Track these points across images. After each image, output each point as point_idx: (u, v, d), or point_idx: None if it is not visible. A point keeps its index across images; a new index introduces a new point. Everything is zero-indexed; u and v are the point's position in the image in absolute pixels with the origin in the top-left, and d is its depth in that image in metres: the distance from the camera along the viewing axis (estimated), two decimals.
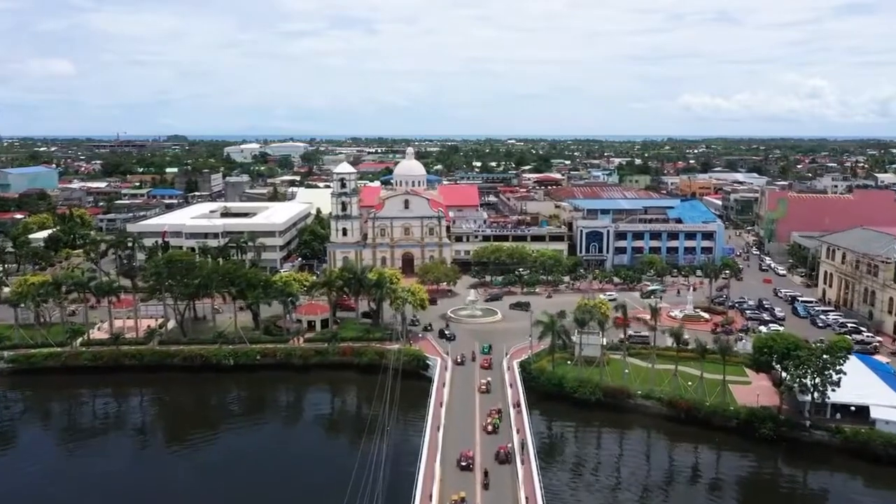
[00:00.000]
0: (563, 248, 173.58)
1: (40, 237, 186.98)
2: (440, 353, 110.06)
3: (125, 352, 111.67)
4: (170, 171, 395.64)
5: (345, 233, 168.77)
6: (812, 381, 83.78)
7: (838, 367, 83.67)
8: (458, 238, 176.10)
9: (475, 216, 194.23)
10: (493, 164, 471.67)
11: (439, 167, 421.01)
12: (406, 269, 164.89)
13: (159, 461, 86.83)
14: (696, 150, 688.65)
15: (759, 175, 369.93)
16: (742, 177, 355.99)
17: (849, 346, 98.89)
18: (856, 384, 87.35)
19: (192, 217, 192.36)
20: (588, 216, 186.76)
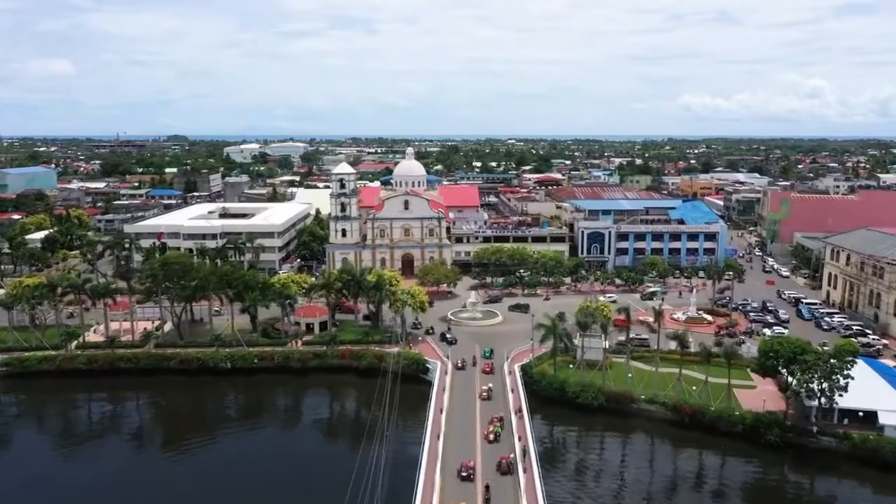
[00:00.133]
0: (564, 249, 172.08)
1: (37, 238, 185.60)
2: (440, 356, 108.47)
3: (121, 355, 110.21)
4: (169, 171, 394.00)
5: (344, 234, 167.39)
6: (819, 386, 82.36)
7: (846, 371, 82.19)
8: (459, 239, 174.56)
9: (475, 217, 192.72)
10: (494, 164, 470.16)
11: (439, 167, 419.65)
12: (406, 271, 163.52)
13: (155, 466, 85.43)
14: (696, 151, 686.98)
15: (760, 175, 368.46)
16: (743, 177, 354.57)
17: (855, 349, 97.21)
18: (863, 389, 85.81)
19: (190, 218, 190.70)
20: (589, 217, 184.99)
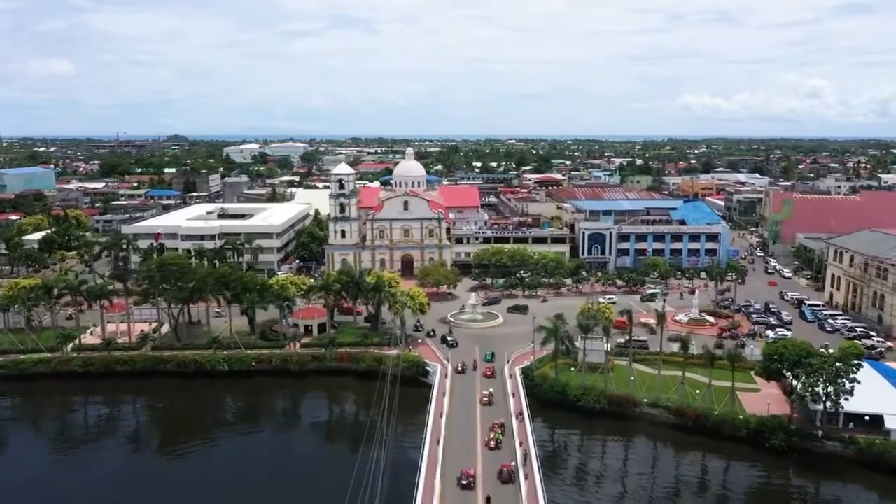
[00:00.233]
0: (565, 250, 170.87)
1: (34, 239, 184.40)
2: (440, 359, 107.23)
3: (117, 357, 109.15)
4: (168, 171, 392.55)
5: (343, 235, 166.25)
6: (825, 390, 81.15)
7: (852, 375, 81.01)
8: (459, 240, 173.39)
9: (476, 218, 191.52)
10: (494, 164, 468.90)
11: (439, 167, 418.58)
12: (405, 272, 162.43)
13: (152, 470, 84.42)
14: (696, 151, 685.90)
15: (760, 175, 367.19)
16: (744, 177, 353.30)
17: (860, 352, 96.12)
18: (869, 392, 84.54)
19: (188, 218, 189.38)
20: (590, 217, 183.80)
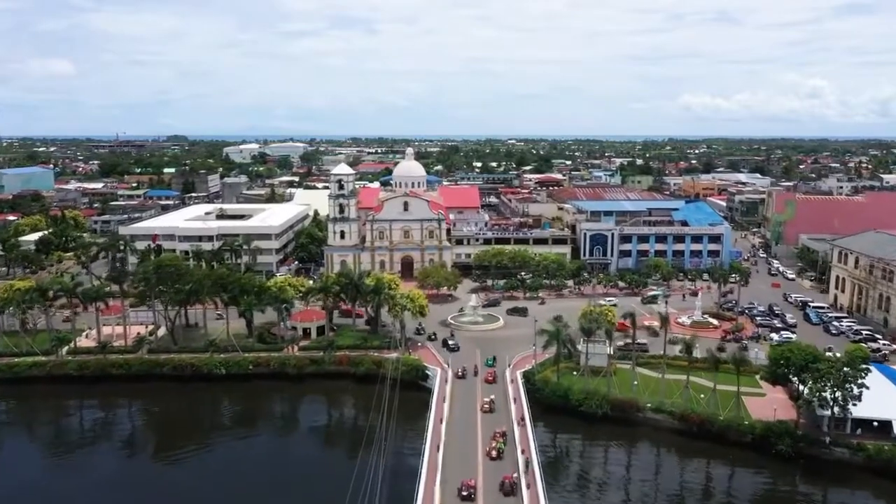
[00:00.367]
0: (566, 251, 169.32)
1: (31, 240, 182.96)
2: (440, 362, 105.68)
3: (112, 361, 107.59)
4: (167, 171, 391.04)
5: (342, 236, 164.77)
6: (832, 395, 79.64)
7: (860, 380, 79.43)
8: (459, 241, 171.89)
9: (476, 218, 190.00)
10: (494, 164, 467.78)
11: (439, 168, 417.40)
12: (405, 273, 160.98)
13: (147, 475, 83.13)
14: (696, 151, 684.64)
15: (761, 176, 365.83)
16: (745, 177, 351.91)
17: (867, 355, 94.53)
18: (877, 398, 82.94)
19: (186, 219, 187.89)
20: (592, 218, 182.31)
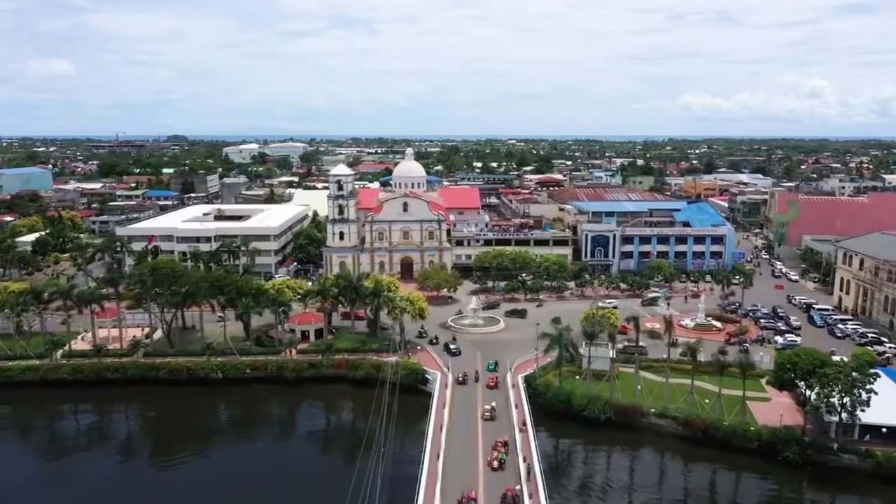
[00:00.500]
0: (567, 252, 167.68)
1: (28, 241, 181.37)
2: (440, 366, 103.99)
3: (107, 364, 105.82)
4: (166, 171, 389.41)
5: (342, 237, 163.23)
6: (840, 401, 78.07)
7: (868, 385, 77.86)
8: (459, 242, 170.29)
9: (476, 219, 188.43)
10: (494, 164, 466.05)
11: (440, 168, 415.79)
12: (405, 275, 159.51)
13: (143, 481, 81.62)
14: (697, 151, 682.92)
15: (763, 176, 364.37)
16: (746, 178, 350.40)
17: (873, 359, 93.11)
18: (886, 403, 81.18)
19: (184, 220, 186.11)
20: (593, 219, 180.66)
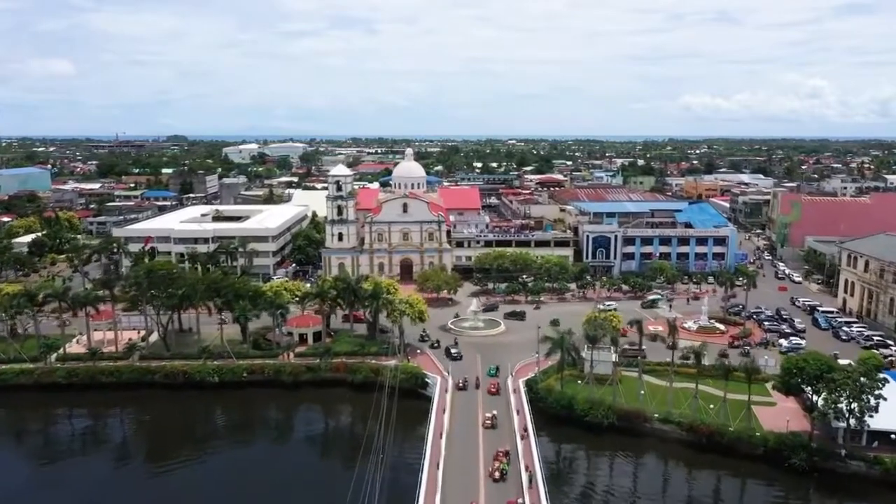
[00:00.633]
0: (568, 254, 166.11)
1: (24, 242, 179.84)
2: (440, 370, 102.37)
3: (102, 368, 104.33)
4: (166, 171, 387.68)
5: (340, 238, 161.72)
6: (848, 407, 76.52)
7: (877, 391, 76.35)
8: (459, 243, 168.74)
9: (477, 220, 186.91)
10: (494, 164, 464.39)
11: (439, 168, 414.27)
12: (405, 276, 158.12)
13: (138, 486, 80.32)
14: (697, 151, 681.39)
15: (763, 176, 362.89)
16: (747, 178, 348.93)
17: (880, 363, 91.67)
18: (893, 408, 79.73)
19: (182, 221, 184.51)
20: (594, 220, 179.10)
